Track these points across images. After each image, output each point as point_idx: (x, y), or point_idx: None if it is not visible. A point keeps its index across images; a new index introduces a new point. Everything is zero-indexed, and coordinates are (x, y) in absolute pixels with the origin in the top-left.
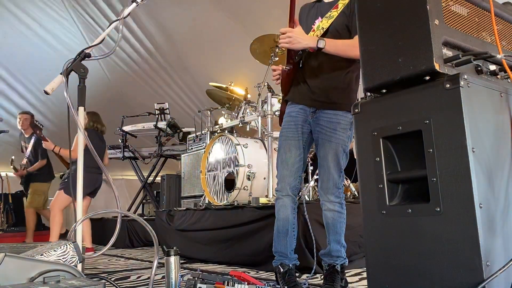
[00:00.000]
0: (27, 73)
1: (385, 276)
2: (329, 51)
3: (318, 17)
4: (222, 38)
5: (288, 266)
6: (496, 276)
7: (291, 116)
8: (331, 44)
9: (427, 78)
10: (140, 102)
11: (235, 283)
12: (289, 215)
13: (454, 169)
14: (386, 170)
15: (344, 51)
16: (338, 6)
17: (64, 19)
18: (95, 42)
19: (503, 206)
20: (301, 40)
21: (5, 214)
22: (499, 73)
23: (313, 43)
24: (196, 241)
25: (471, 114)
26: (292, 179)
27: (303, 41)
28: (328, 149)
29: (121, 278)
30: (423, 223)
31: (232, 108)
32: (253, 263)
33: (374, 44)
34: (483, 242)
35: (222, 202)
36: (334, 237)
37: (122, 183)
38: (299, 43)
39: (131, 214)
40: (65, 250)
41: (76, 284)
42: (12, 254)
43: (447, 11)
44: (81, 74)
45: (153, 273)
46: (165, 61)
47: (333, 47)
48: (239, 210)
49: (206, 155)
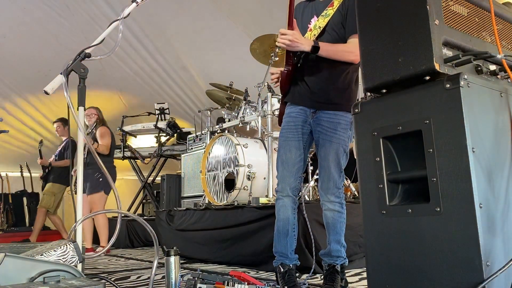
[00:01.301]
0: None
1: (385, 276)
2: (324, 54)
3: (314, 16)
4: (222, 38)
5: (288, 266)
6: (496, 276)
7: (291, 117)
8: (326, 48)
9: (427, 78)
10: (140, 102)
11: (235, 283)
12: (289, 215)
13: (454, 169)
14: (386, 170)
15: (338, 56)
16: (334, 3)
17: (64, 19)
18: (95, 42)
19: (503, 206)
20: (299, 44)
21: (5, 214)
22: (499, 73)
23: (308, 46)
24: (196, 241)
25: (471, 114)
26: (292, 180)
27: (300, 44)
28: (329, 149)
29: (121, 278)
30: (423, 223)
31: (232, 108)
32: (253, 263)
33: (374, 44)
34: (483, 242)
35: (222, 202)
36: (334, 237)
37: (122, 183)
38: (297, 46)
39: (131, 214)
40: (65, 250)
41: (76, 284)
42: (12, 254)
43: (447, 11)
44: (81, 74)
45: (153, 273)
46: (165, 61)
47: (327, 51)
48: (239, 210)
49: (206, 155)
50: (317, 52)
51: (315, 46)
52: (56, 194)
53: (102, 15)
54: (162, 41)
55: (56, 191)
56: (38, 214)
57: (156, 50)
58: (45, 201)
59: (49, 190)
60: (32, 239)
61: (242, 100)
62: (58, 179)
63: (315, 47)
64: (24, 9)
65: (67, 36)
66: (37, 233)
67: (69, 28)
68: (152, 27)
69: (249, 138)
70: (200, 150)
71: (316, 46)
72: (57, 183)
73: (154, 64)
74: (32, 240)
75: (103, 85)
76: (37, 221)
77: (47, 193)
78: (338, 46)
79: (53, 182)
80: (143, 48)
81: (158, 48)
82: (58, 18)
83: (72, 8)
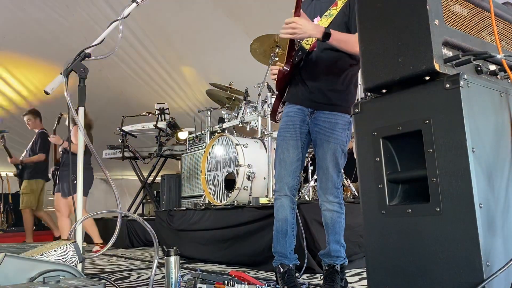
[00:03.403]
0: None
1: (385, 276)
2: (334, 43)
3: (317, 15)
4: (222, 38)
5: (288, 266)
6: (496, 276)
7: (289, 116)
8: (337, 37)
9: (427, 78)
10: (140, 102)
11: (235, 283)
12: (287, 215)
13: (454, 169)
14: (386, 170)
15: (349, 46)
16: (338, 4)
17: (64, 19)
18: (95, 42)
19: (503, 206)
20: (306, 29)
21: (5, 214)
22: (499, 73)
23: (318, 32)
24: (196, 241)
25: (471, 114)
26: (290, 179)
27: (308, 30)
28: (327, 149)
29: (121, 278)
30: (423, 223)
31: (232, 108)
32: (253, 263)
33: (374, 44)
34: (483, 242)
35: (222, 202)
36: (334, 237)
37: (122, 183)
38: (304, 33)
39: (131, 214)
40: (65, 250)
41: (76, 284)
42: (12, 254)
43: (447, 11)
44: (81, 74)
45: (153, 273)
46: (165, 61)
47: (338, 40)
48: (239, 210)
49: (206, 155)
50: (328, 39)
51: (326, 33)
52: (35, 191)
53: (102, 15)
54: (162, 41)
55: (34, 187)
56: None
57: (156, 50)
58: (26, 201)
59: (26, 188)
60: (28, 240)
61: (242, 100)
62: (34, 175)
63: (326, 33)
64: (24, 9)
65: (67, 36)
66: (30, 233)
67: (69, 28)
68: (152, 27)
69: (249, 138)
70: (200, 150)
71: (327, 33)
72: (33, 179)
73: (154, 64)
74: (29, 241)
75: (103, 85)
76: (26, 222)
77: (26, 192)
78: (351, 36)
79: (29, 179)
80: (143, 48)
81: (158, 48)
82: (58, 18)
83: (72, 8)
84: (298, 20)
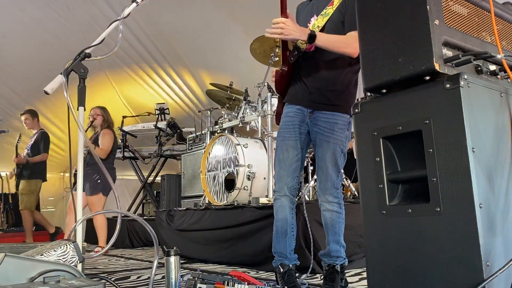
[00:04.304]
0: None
1: (385, 276)
2: (320, 45)
3: (314, 14)
4: (222, 38)
5: (288, 266)
6: (496, 276)
7: (289, 117)
8: (323, 39)
9: (427, 78)
10: (140, 102)
11: (235, 283)
12: (287, 215)
13: (454, 169)
14: (386, 170)
15: (336, 47)
16: (334, 2)
17: (64, 19)
18: (95, 42)
19: (503, 206)
20: (292, 31)
21: (5, 214)
22: (499, 73)
23: (304, 34)
24: (196, 241)
25: (471, 114)
26: (289, 179)
27: (294, 32)
28: (326, 149)
29: (121, 278)
30: (423, 223)
31: (232, 108)
32: (253, 263)
33: (374, 44)
34: (483, 242)
35: (222, 202)
36: (333, 238)
37: (122, 183)
38: (290, 34)
39: (131, 214)
40: (65, 250)
41: (76, 284)
42: (12, 254)
43: (447, 11)
44: (81, 74)
45: (153, 273)
46: (165, 61)
47: (324, 42)
48: (239, 210)
49: (206, 155)
50: (314, 41)
51: (311, 35)
52: (34, 192)
53: (102, 15)
54: (162, 41)
55: (33, 188)
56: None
57: (156, 50)
58: (26, 202)
59: (26, 189)
60: (28, 240)
61: (242, 100)
62: (34, 175)
63: (311, 35)
64: (24, 9)
65: (67, 36)
66: (30, 233)
67: (69, 28)
68: (152, 27)
69: (249, 138)
70: (200, 150)
71: (312, 35)
72: (33, 179)
73: (154, 64)
74: (29, 241)
75: (103, 85)
76: (25, 222)
77: (26, 192)
78: (336, 37)
79: (29, 179)
80: (143, 48)
81: (158, 48)
82: (58, 18)
83: (72, 8)
84: (286, 21)
